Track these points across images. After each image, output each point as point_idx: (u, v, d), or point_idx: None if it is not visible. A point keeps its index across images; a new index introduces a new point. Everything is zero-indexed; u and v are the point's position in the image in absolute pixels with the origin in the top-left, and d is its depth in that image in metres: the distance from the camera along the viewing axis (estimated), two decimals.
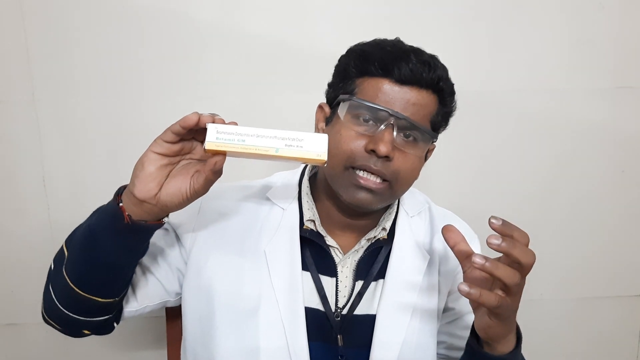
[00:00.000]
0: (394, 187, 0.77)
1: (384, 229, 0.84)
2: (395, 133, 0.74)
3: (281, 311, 0.78)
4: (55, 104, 1.20)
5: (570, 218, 1.32)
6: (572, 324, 1.38)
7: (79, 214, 1.24)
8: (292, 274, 0.80)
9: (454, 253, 0.69)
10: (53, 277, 0.76)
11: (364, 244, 0.83)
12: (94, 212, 0.74)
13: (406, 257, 0.83)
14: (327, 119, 0.82)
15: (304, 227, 0.83)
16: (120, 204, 0.67)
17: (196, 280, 0.82)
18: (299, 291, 0.79)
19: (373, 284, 0.82)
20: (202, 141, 0.63)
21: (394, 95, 0.74)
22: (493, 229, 0.62)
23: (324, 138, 0.62)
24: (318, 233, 0.82)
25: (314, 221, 0.83)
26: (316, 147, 0.62)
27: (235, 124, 0.63)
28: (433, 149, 0.86)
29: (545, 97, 1.25)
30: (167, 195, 0.66)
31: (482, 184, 1.29)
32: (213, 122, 0.62)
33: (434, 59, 0.78)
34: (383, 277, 0.82)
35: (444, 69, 0.79)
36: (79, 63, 1.18)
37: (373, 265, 0.82)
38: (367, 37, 1.19)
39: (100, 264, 0.71)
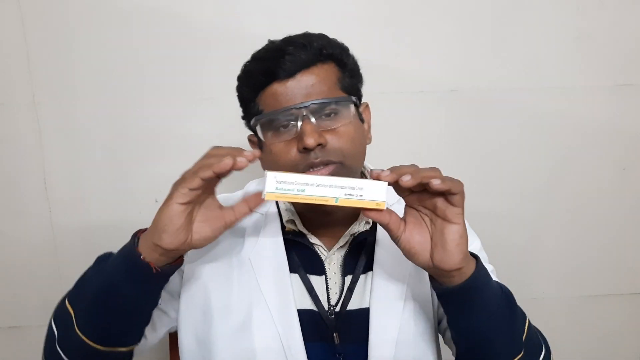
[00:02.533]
0: (347, 163, 0.76)
1: (367, 222, 0.83)
2: (313, 120, 0.73)
3: (274, 316, 0.78)
4: (55, 107, 1.20)
5: (571, 216, 1.32)
6: (574, 322, 1.38)
7: (81, 216, 1.26)
8: (280, 277, 0.79)
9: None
10: (62, 341, 0.73)
11: (348, 239, 0.83)
12: (101, 263, 0.74)
13: (391, 246, 0.79)
14: (259, 146, 0.82)
15: (286, 229, 0.82)
16: (142, 257, 0.66)
17: (190, 296, 0.82)
18: (289, 294, 0.78)
19: (362, 277, 0.82)
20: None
21: (291, 90, 0.74)
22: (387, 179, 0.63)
23: (383, 186, 0.63)
24: (301, 233, 0.82)
25: (294, 221, 0.82)
26: (375, 195, 0.63)
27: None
28: (366, 108, 0.85)
29: (545, 95, 1.25)
30: (200, 240, 0.67)
31: (482, 182, 1.28)
32: (249, 161, 0.62)
33: (306, 37, 0.78)
34: (371, 269, 0.82)
35: (320, 38, 0.78)
36: (80, 65, 1.19)
37: (359, 259, 0.82)
38: (367, 37, 1.21)
39: (122, 313, 0.70)
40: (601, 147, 1.29)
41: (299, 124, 0.73)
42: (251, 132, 0.84)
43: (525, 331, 0.71)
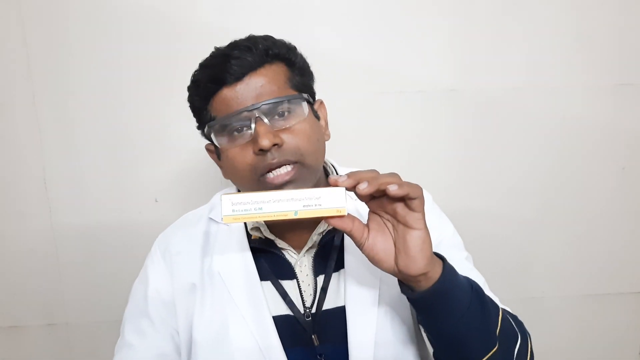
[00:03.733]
0: (306, 161, 0.75)
1: None
2: (266, 121, 0.73)
3: (250, 327, 0.78)
4: (55, 106, 1.20)
5: (571, 215, 1.32)
6: (574, 321, 1.38)
7: (81, 216, 1.26)
8: (252, 287, 0.79)
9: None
10: None
11: (315, 239, 0.82)
12: None
13: None
14: (217, 154, 0.82)
15: (252, 237, 0.82)
16: None
17: (179, 323, 0.83)
18: (263, 303, 0.79)
19: (335, 275, 0.81)
20: None
21: (241, 93, 0.74)
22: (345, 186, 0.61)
23: (340, 191, 0.62)
24: (267, 239, 0.82)
25: (259, 228, 0.82)
26: (334, 202, 0.62)
27: None
28: (321, 105, 0.84)
29: (545, 95, 1.25)
30: None
31: (482, 182, 1.28)
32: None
33: (251, 39, 0.77)
34: (343, 266, 0.81)
35: (265, 39, 0.78)
36: (79, 65, 1.19)
37: (330, 257, 0.81)
38: (365, 37, 1.21)
39: None
40: (601, 146, 1.29)
41: (253, 126, 0.73)
42: (208, 142, 0.83)
43: (499, 324, 0.69)
